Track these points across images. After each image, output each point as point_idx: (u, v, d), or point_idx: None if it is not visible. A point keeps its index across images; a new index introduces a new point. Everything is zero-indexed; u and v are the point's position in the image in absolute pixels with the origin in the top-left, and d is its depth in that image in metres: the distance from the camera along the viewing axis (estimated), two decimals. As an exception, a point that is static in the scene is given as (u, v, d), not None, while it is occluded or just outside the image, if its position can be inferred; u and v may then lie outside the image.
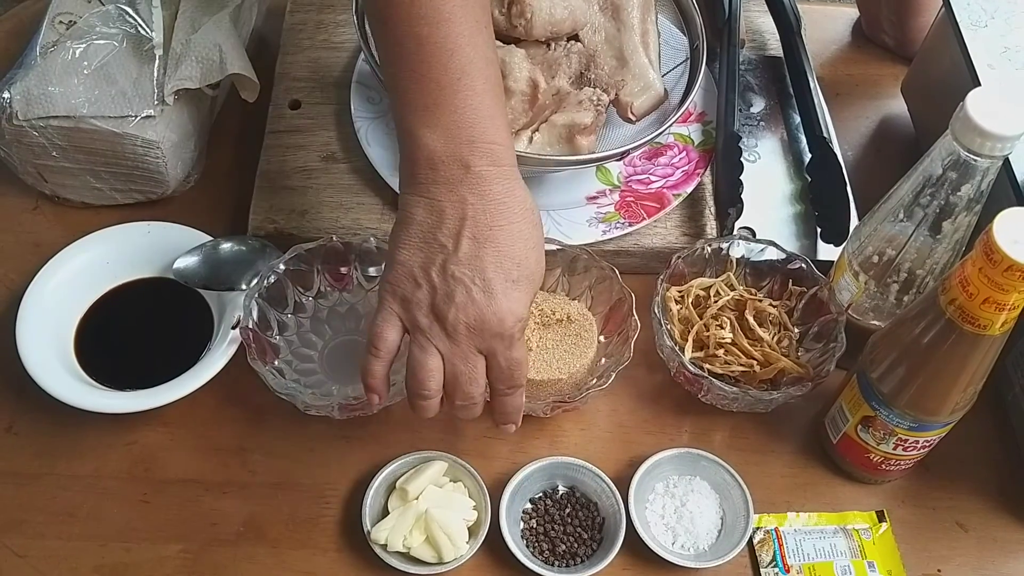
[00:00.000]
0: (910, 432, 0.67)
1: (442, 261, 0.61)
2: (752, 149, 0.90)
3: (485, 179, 0.61)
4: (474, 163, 0.61)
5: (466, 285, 0.61)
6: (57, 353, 0.73)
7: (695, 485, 0.72)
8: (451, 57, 0.61)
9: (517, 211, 0.62)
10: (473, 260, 0.61)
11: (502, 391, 0.65)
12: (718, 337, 0.74)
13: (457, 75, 0.61)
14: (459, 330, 0.61)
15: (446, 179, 0.61)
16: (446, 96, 0.61)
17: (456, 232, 0.61)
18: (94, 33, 0.81)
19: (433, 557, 0.67)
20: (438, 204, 0.61)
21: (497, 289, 0.61)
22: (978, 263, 0.56)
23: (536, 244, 0.63)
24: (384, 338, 0.63)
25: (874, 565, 0.70)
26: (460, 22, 0.61)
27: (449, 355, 0.62)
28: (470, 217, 0.61)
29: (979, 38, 0.82)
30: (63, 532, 0.69)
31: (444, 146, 0.61)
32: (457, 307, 0.61)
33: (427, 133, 0.61)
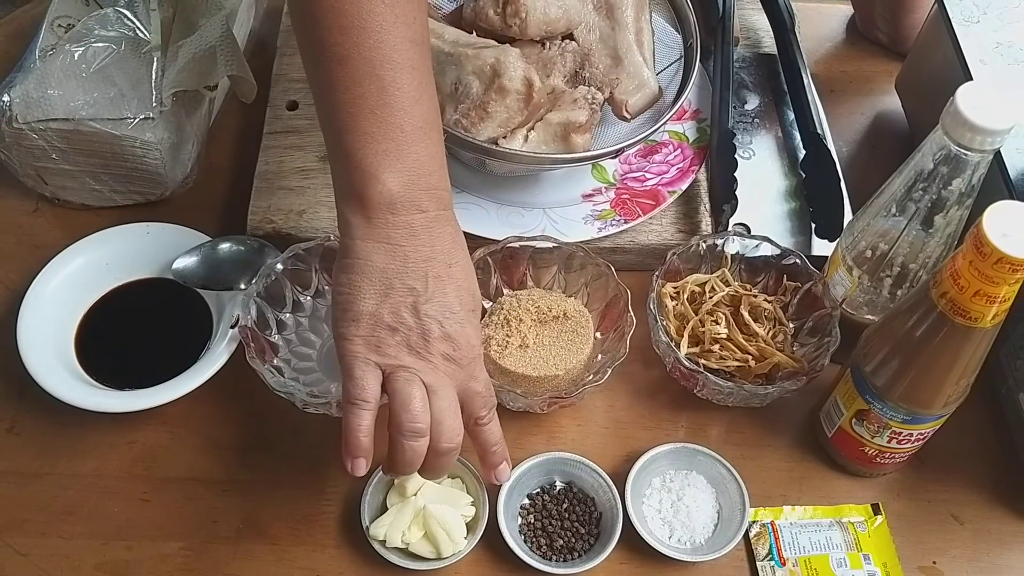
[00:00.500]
0: (904, 425, 0.67)
1: (412, 303, 0.61)
2: (747, 146, 0.91)
3: (439, 222, 0.63)
4: (429, 208, 0.62)
5: (439, 320, 0.61)
6: (58, 353, 0.74)
7: (691, 479, 0.72)
8: (414, 105, 0.62)
9: (462, 248, 0.65)
10: (440, 296, 0.62)
11: (482, 419, 0.64)
12: (713, 333, 0.75)
13: (420, 123, 0.62)
14: (439, 361, 0.62)
15: (406, 223, 0.62)
16: (409, 143, 0.61)
17: (423, 274, 0.62)
18: (92, 36, 0.81)
19: (432, 553, 0.67)
20: (401, 249, 0.61)
21: (464, 319, 0.63)
22: (968, 256, 0.56)
23: (473, 274, 0.66)
24: (367, 388, 0.61)
25: (869, 558, 0.70)
26: (420, 70, 0.62)
27: (435, 386, 0.61)
28: (431, 259, 0.62)
29: (971, 34, 0.82)
30: (65, 531, 0.69)
31: (404, 191, 0.61)
32: (435, 340, 0.61)
33: (391, 177, 0.61)
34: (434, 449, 0.62)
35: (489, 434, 0.65)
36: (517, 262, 0.79)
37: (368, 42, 0.60)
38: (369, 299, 0.61)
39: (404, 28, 0.61)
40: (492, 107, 0.76)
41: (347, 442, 0.61)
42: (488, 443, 0.65)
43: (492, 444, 0.66)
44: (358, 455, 0.61)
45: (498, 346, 0.74)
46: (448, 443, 0.62)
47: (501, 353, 0.74)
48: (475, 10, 0.82)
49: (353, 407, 0.61)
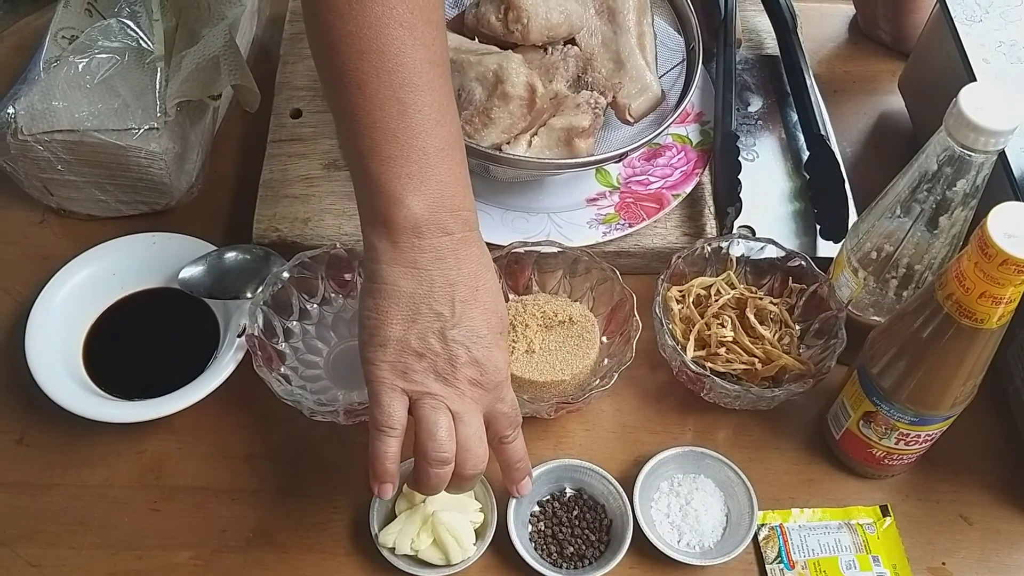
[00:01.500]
0: (911, 426, 0.67)
1: (439, 328, 0.61)
2: (750, 148, 0.91)
3: (465, 244, 0.62)
4: (455, 230, 0.62)
5: (466, 346, 0.61)
6: (66, 364, 0.74)
7: (699, 483, 0.72)
8: (436, 127, 0.61)
9: (489, 269, 0.64)
10: (467, 321, 0.61)
11: (508, 437, 0.65)
12: (719, 336, 0.75)
13: (442, 145, 0.61)
14: (466, 387, 0.62)
15: (432, 247, 0.61)
16: (432, 166, 0.61)
17: (449, 299, 0.61)
18: (96, 47, 0.81)
19: (441, 559, 0.67)
20: (427, 273, 0.61)
21: (491, 343, 0.62)
22: (973, 257, 0.56)
23: (501, 294, 0.65)
24: (394, 415, 0.61)
25: (879, 559, 0.70)
26: (440, 91, 0.62)
27: (461, 412, 0.62)
28: (457, 283, 0.62)
29: (974, 33, 0.82)
30: (75, 541, 0.69)
31: (429, 214, 0.61)
32: (462, 366, 0.61)
33: (415, 200, 0.61)
34: (459, 474, 0.62)
35: (513, 452, 0.66)
36: (522, 267, 0.79)
37: (387, 65, 0.60)
38: (396, 325, 0.61)
39: (423, 50, 0.61)
40: (495, 113, 0.76)
41: (373, 468, 0.62)
42: (512, 460, 0.66)
43: (516, 460, 0.66)
44: (385, 480, 0.62)
45: (504, 352, 0.74)
46: (473, 469, 0.62)
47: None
48: (477, 16, 0.82)
49: (380, 434, 0.61)
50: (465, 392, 0.62)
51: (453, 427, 0.61)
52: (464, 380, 0.61)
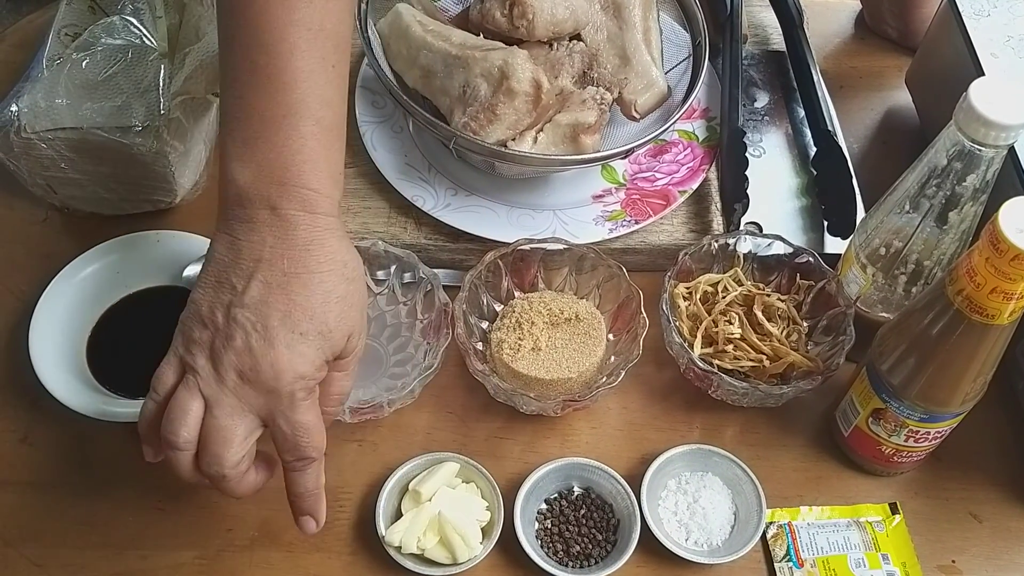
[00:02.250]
0: (921, 424, 0.67)
1: (228, 302, 0.57)
2: (757, 144, 0.90)
3: (291, 223, 0.57)
4: (282, 205, 0.57)
5: (246, 330, 0.56)
6: (70, 363, 0.74)
7: (707, 481, 0.72)
8: (281, 92, 0.57)
9: (323, 262, 0.58)
10: (260, 305, 0.56)
11: (290, 463, 0.59)
12: (727, 333, 0.75)
13: (283, 112, 0.57)
14: (229, 377, 0.56)
15: (251, 218, 0.57)
16: (267, 132, 0.57)
17: (249, 274, 0.57)
18: (99, 45, 0.81)
19: (447, 558, 0.67)
20: (237, 243, 0.57)
21: (278, 339, 0.56)
22: (984, 253, 0.56)
23: (341, 300, 0.59)
24: (161, 378, 0.58)
25: (888, 557, 0.70)
26: (302, 56, 0.57)
27: (212, 401, 0.56)
28: (265, 260, 0.57)
29: (982, 27, 0.82)
30: (80, 541, 0.69)
31: (253, 184, 0.57)
32: (234, 351, 0.56)
33: (239, 168, 0.57)
34: (201, 469, 0.58)
35: (292, 483, 0.60)
36: (528, 265, 0.78)
37: (248, 24, 0.57)
38: (200, 288, 0.58)
39: (291, 11, 0.57)
40: (501, 109, 0.76)
41: (138, 428, 0.60)
42: (292, 490, 0.60)
43: (293, 494, 0.61)
44: (144, 442, 0.60)
45: (510, 349, 0.74)
46: (208, 468, 0.57)
47: (514, 356, 0.74)
48: (482, 12, 0.81)
49: (148, 395, 0.59)
50: (227, 381, 0.56)
51: (199, 415, 0.57)
52: (231, 368, 0.56)
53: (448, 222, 0.81)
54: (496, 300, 0.79)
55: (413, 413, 0.75)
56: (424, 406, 0.75)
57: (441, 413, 0.76)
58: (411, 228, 0.82)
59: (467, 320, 0.75)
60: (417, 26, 0.82)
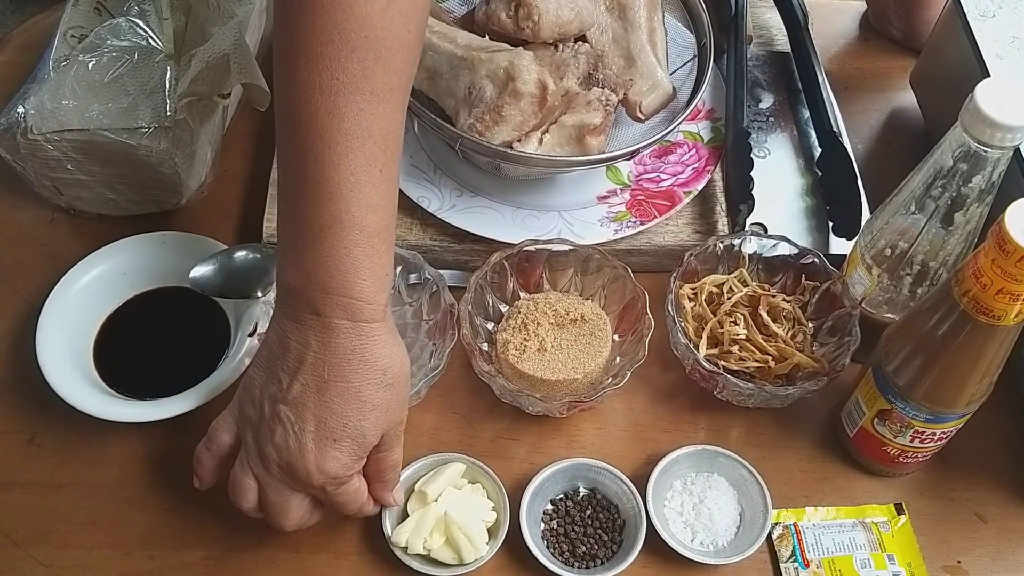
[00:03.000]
0: (927, 424, 0.67)
1: (273, 394, 0.61)
2: (762, 145, 0.90)
3: (334, 331, 0.59)
4: (326, 313, 0.59)
5: (285, 428, 0.60)
6: (77, 364, 0.74)
7: (713, 482, 0.72)
8: (328, 203, 0.59)
9: (361, 370, 0.60)
10: (299, 407, 0.60)
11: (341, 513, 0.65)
12: (732, 333, 0.75)
13: (328, 222, 0.59)
14: (272, 466, 0.61)
15: (298, 318, 0.60)
16: (313, 241, 0.59)
17: (292, 372, 0.60)
18: (105, 46, 0.81)
19: (453, 558, 0.67)
20: (286, 340, 0.61)
21: (309, 445, 0.60)
22: (991, 254, 0.56)
23: (376, 407, 0.61)
24: (218, 437, 0.64)
25: (894, 558, 0.70)
26: (349, 165, 0.58)
27: (261, 482, 0.62)
28: (308, 363, 0.60)
29: (987, 28, 0.82)
30: (87, 541, 0.69)
31: (302, 289, 0.60)
32: (273, 445, 0.61)
33: (291, 272, 0.60)
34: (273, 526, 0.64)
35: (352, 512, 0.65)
36: (533, 265, 0.78)
37: (299, 132, 0.59)
38: (257, 365, 0.63)
39: (340, 120, 0.58)
40: (506, 110, 0.76)
41: (193, 462, 0.66)
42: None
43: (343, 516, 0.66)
44: (195, 473, 0.66)
45: (516, 350, 0.74)
46: (280, 527, 0.64)
47: (519, 357, 0.74)
48: (487, 13, 0.82)
49: (204, 440, 0.65)
50: (271, 469, 0.61)
51: (255, 489, 0.63)
52: (271, 459, 0.61)
53: (453, 223, 0.81)
54: (502, 301, 0.79)
55: (419, 414, 0.75)
56: (430, 407, 0.75)
57: (447, 414, 0.76)
58: (417, 229, 0.82)
59: (473, 321, 0.76)
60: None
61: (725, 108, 0.88)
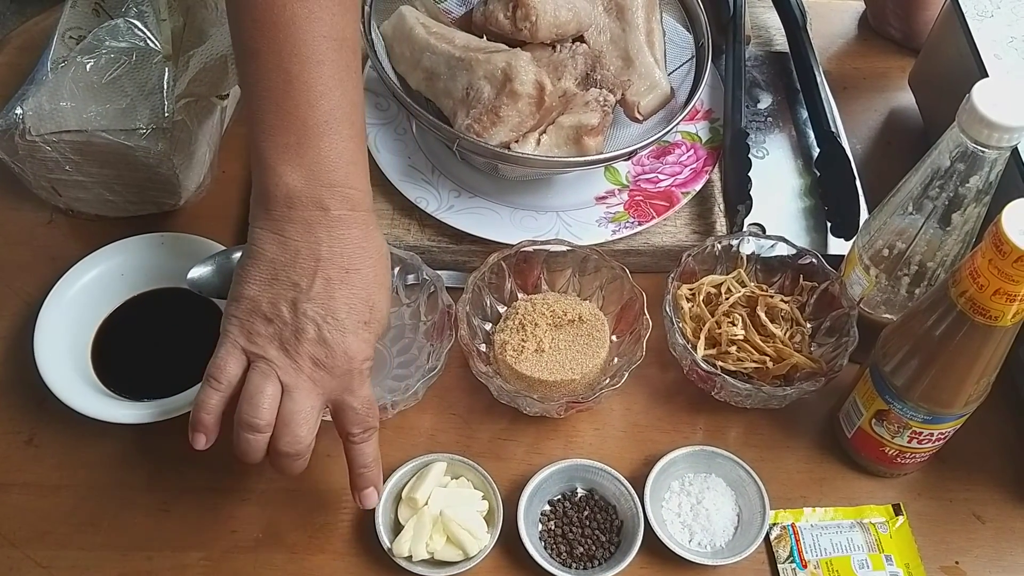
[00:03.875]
0: (924, 425, 0.67)
1: (293, 298, 0.61)
2: (760, 145, 0.90)
3: (342, 223, 0.62)
4: (333, 206, 0.62)
5: (317, 323, 0.61)
6: (75, 365, 0.74)
7: (711, 482, 0.72)
8: (320, 100, 0.61)
9: (372, 255, 0.63)
10: (326, 300, 0.61)
11: (358, 436, 0.64)
12: (730, 334, 0.75)
13: (324, 118, 0.61)
14: (306, 364, 0.61)
15: (303, 219, 0.61)
16: (311, 138, 0.61)
17: (311, 272, 0.61)
18: (103, 47, 0.81)
19: (458, 555, 0.67)
20: (293, 243, 0.61)
21: (348, 328, 0.62)
22: (988, 254, 0.56)
23: (386, 289, 0.65)
24: (225, 369, 0.62)
25: (892, 559, 0.70)
26: (332, 64, 0.62)
27: (291, 387, 0.61)
28: (325, 258, 0.61)
29: (985, 28, 0.82)
30: (85, 542, 0.69)
31: (304, 186, 0.61)
32: (307, 341, 0.61)
33: (288, 171, 0.61)
34: (274, 448, 0.62)
35: (358, 454, 0.64)
36: (531, 266, 0.78)
37: (278, 36, 0.61)
38: (252, 284, 0.62)
39: (318, 24, 0.61)
40: (504, 111, 0.76)
41: (192, 416, 0.62)
42: (356, 463, 0.65)
43: (360, 465, 0.65)
44: (197, 430, 0.62)
45: (513, 351, 0.74)
46: (287, 447, 0.61)
47: (517, 358, 0.74)
48: (485, 14, 0.81)
49: (206, 384, 0.62)
50: (303, 368, 0.61)
51: (278, 398, 0.61)
52: (306, 356, 0.61)
53: (451, 224, 0.81)
54: (499, 302, 0.79)
55: (416, 415, 0.75)
56: (427, 408, 0.75)
57: (444, 415, 0.76)
58: (414, 230, 0.82)
59: (470, 322, 0.76)
60: (420, 28, 0.82)
61: (723, 108, 0.88)
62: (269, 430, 0.61)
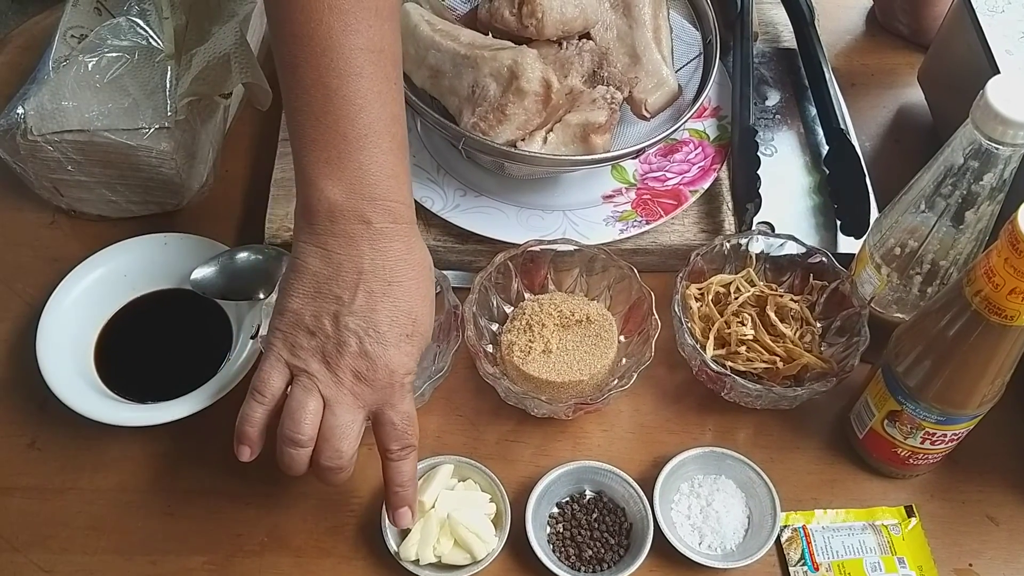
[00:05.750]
0: (937, 426, 0.66)
1: (335, 311, 0.61)
2: (768, 143, 0.89)
3: (385, 236, 0.62)
4: (375, 220, 0.62)
5: (359, 336, 0.61)
6: (77, 367, 0.73)
7: (720, 484, 0.71)
8: (359, 113, 0.61)
9: (415, 268, 0.63)
10: (368, 313, 0.61)
11: (396, 453, 0.63)
12: (739, 334, 0.74)
13: (364, 131, 0.61)
14: (347, 377, 0.61)
15: (345, 232, 0.61)
16: (351, 152, 0.61)
17: (353, 285, 0.61)
18: (105, 46, 0.81)
19: (466, 559, 0.66)
20: (336, 256, 0.62)
21: (390, 341, 0.61)
22: (1003, 253, 0.55)
23: (429, 301, 0.65)
24: (268, 383, 0.62)
25: (904, 561, 0.69)
26: (371, 77, 0.62)
27: (332, 401, 0.61)
28: (367, 272, 0.61)
29: (996, 23, 0.81)
30: (88, 546, 0.69)
31: (346, 200, 0.61)
32: (349, 355, 0.61)
33: (330, 185, 0.61)
34: (316, 462, 0.62)
35: (396, 472, 0.64)
36: (538, 266, 0.78)
37: (315, 50, 0.61)
38: (296, 298, 0.62)
39: (355, 36, 0.61)
40: (510, 109, 0.75)
41: (237, 429, 0.63)
42: (392, 481, 0.64)
43: (396, 484, 0.64)
44: (242, 442, 0.63)
45: (521, 352, 0.73)
46: (328, 462, 0.61)
47: (524, 359, 0.73)
48: (490, 11, 0.81)
49: (250, 397, 0.63)
50: (344, 382, 0.61)
51: (319, 412, 0.61)
52: (347, 370, 0.61)
53: (457, 223, 0.80)
54: (506, 302, 0.78)
55: (423, 417, 0.74)
56: (434, 409, 0.75)
57: (451, 416, 0.75)
58: (420, 229, 0.80)
59: (477, 322, 0.75)
60: (425, 25, 0.81)
61: (731, 106, 0.88)
62: (311, 444, 0.61)
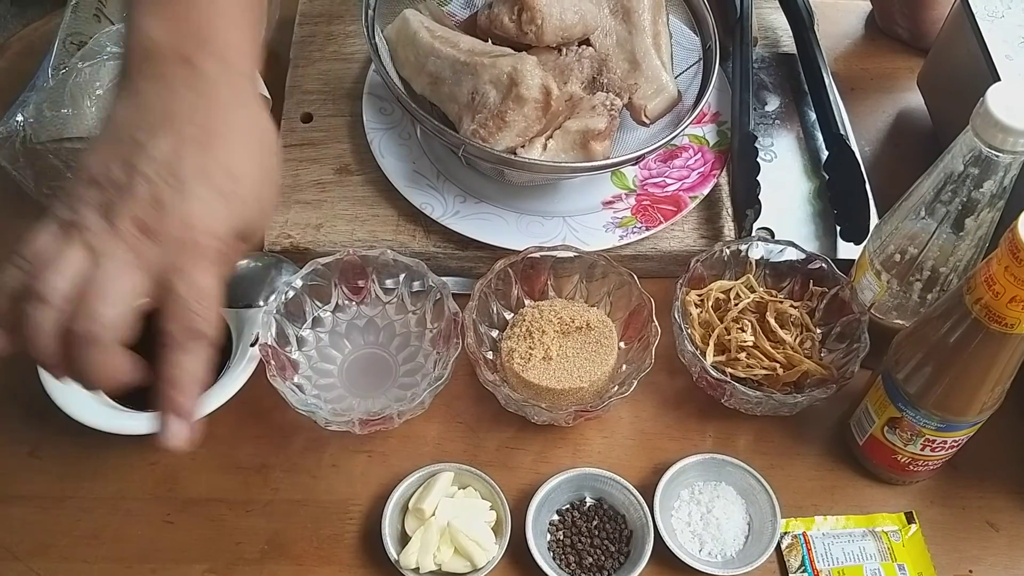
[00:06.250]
0: (938, 432, 0.66)
1: (127, 155, 0.49)
2: (768, 148, 0.89)
3: (210, 80, 0.52)
4: (200, 62, 0.51)
5: (152, 181, 0.48)
6: (77, 375, 0.73)
7: (721, 491, 0.71)
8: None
9: (245, 124, 0.53)
10: (171, 158, 0.49)
11: (174, 337, 0.49)
12: (739, 340, 0.74)
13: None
14: (126, 226, 0.48)
15: (161, 74, 0.51)
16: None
17: (156, 127, 0.50)
18: (104, 53, 0.81)
19: (466, 567, 0.66)
20: (144, 100, 0.51)
21: (194, 193, 0.49)
22: (1004, 261, 0.55)
23: (261, 167, 0.53)
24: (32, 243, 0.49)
25: (904, 567, 0.69)
26: None
27: (100, 252, 0.48)
28: (179, 115, 0.50)
29: (996, 28, 0.81)
30: (88, 555, 0.69)
31: (167, 37, 0.52)
32: (134, 201, 0.48)
33: (151, 22, 0.52)
34: (66, 328, 0.48)
35: (171, 365, 0.49)
36: (538, 272, 0.78)
37: None
38: (91, 152, 0.51)
39: None
40: (510, 116, 0.75)
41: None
42: (166, 373, 0.49)
43: (170, 378, 0.49)
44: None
45: (521, 358, 0.73)
46: (78, 325, 0.47)
47: (524, 366, 0.73)
48: (490, 17, 0.81)
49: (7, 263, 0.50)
50: (122, 232, 0.48)
51: (79, 267, 0.48)
52: (127, 218, 0.48)
53: (457, 230, 0.80)
54: (506, 309, 0.78)
55: (423, 424, 0.74)
56: (434, 417, 0.75)
57: (451, 423, 0.75)
58: (420, 236, 0.81)
59: (477, 329, 0.75)
60: (425, 32, 0.81)
61: (731, 111, 0.88)
62: (62, 304, 0.47)
